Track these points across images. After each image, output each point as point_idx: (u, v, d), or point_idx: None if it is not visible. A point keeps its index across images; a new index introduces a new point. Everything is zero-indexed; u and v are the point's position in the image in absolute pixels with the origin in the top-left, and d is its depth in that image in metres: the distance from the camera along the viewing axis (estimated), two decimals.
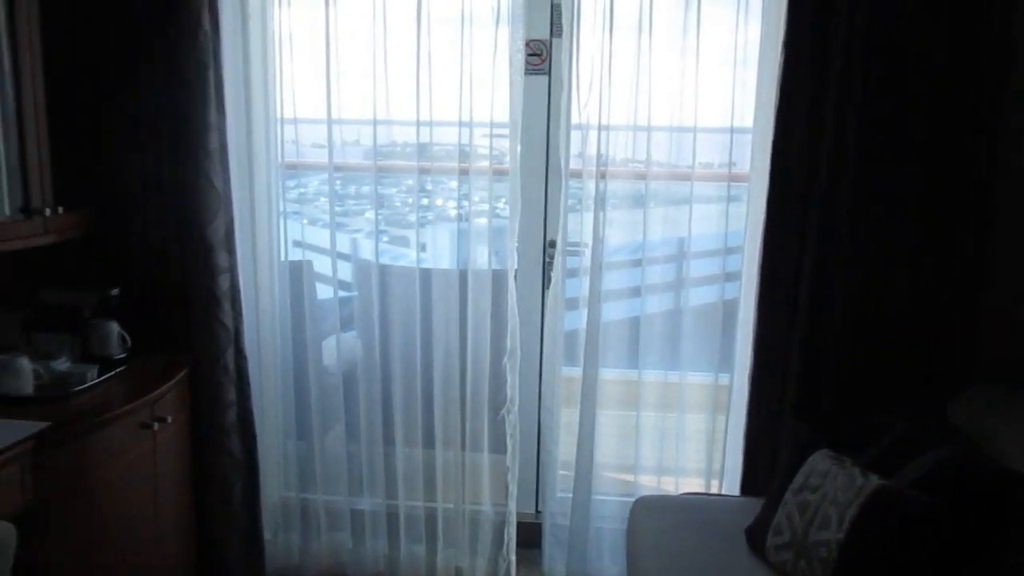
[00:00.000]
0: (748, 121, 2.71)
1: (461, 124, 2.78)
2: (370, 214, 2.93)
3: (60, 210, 2.40)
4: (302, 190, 3.07)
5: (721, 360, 2.87)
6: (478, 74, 2.74)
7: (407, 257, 3.02)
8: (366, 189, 2.95)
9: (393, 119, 2.84)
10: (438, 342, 2.94)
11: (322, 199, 2.95)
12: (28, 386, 2.31)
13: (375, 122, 2.82)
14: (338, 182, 2.97)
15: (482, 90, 2.74)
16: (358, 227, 3.05)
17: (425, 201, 3.02)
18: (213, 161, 2.71)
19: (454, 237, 2.99)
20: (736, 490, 2.78)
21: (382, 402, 3.01)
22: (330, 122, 2.83)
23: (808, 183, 2.59)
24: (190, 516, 2.78)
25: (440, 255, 3.04)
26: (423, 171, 2.90)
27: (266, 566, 3.05)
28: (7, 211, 2.33)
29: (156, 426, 2.42)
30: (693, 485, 2.91)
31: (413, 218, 2.95)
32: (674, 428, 2.91)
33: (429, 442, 3.01)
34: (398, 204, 3.05)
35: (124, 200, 2.72)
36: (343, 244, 3.03)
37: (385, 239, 3.01)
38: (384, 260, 2.97)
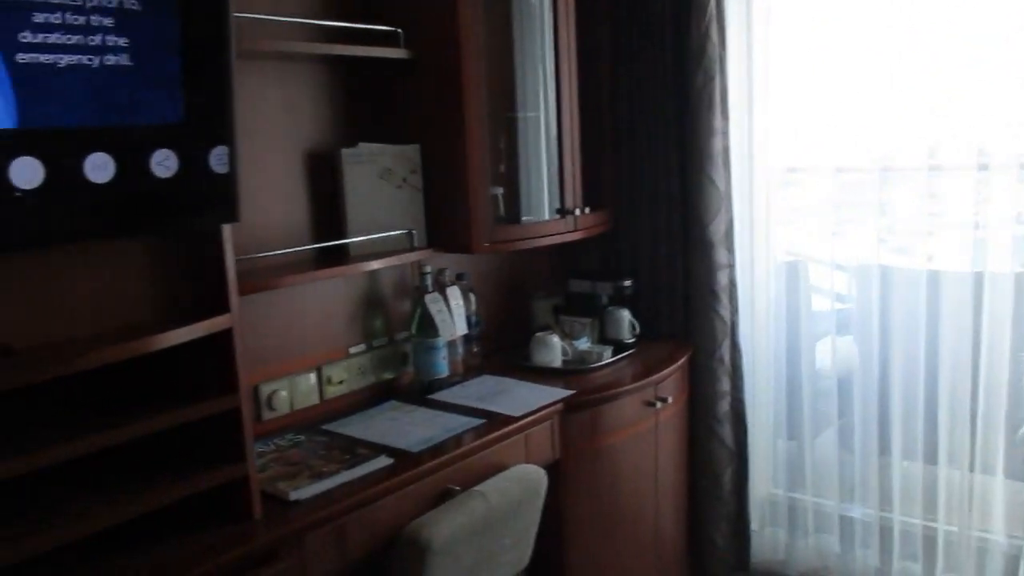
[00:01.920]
0: None
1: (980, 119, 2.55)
2: (872, 216, 2.82)
3: (587, 210, 2.78)
4: (801, 192, 3.06)
5: None
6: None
7: (912, 261, 2.84)
8: (868, 193, 2.84)
9: (897, 119, 2.71)
10: (945, 351, 2.73)
11: (822, 202, 2.92)
12: (557, 360, 2.73)
13: (879, 123, 2.73)
14: (840, 185, 2.91)
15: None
16: (859, 230, 2.93)
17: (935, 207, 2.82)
18: (716, 164, 2.89)
19: (967, 239, 2.72)
20: None
21: (879, 411, 2.89)
22: (829, 124, 2.81)
23: None
24: (684, 496, 2.99)
25: (949, 257, 2.80)
26: (932, 168, 2.71)
27: (751, 556, 3.15)
28: (547, 213, 2.77)
29: (659, 405, 2.66)
30: None
31: (920, 222, 2.76)
32: None
33: (931, 457, 2.80)
34: (902, 207, 2.87)
35: (637, 201, 3.03)
36: (841, 247, 2.97)
37: (889, 243, 2.87)
38: (886, 263, 2.84)
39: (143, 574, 1.51)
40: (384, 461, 2.00)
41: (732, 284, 2.97)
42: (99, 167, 1.41)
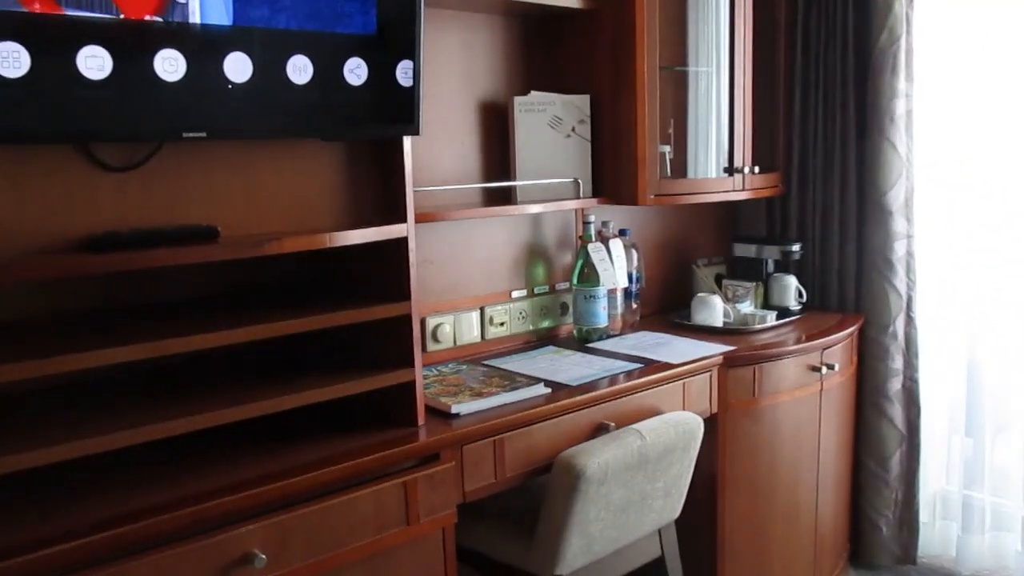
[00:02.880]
0: None
1: None
2: None
3: (756, 170, 2.72)
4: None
5: None
6: None
7: None
8: None
9: None
10: None
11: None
12: (719, 320, 2.68)
13: None
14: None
15: None
16: None
17: None
18: (898, 128, 2.75)
19: None
20: None
21: None
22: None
23: None
24: (848, 475, 2.85)
25: None
26: None
27: (919, 549, 2.95)
28: (714, 172, 2.73)
29: (824, 371, 2.56)
30: None
31: None
32: None
33: None
34: None
35: (810, 164, 2.93)
36: None
37: None
38: None
39: (325, 458, 1.61)
40: (542, 389, 2.03)
41: (910, 255, 2.81)
42: (299, 69, 1.52)
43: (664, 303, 2.94)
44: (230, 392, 1.59)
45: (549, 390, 2.05)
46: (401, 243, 1.75)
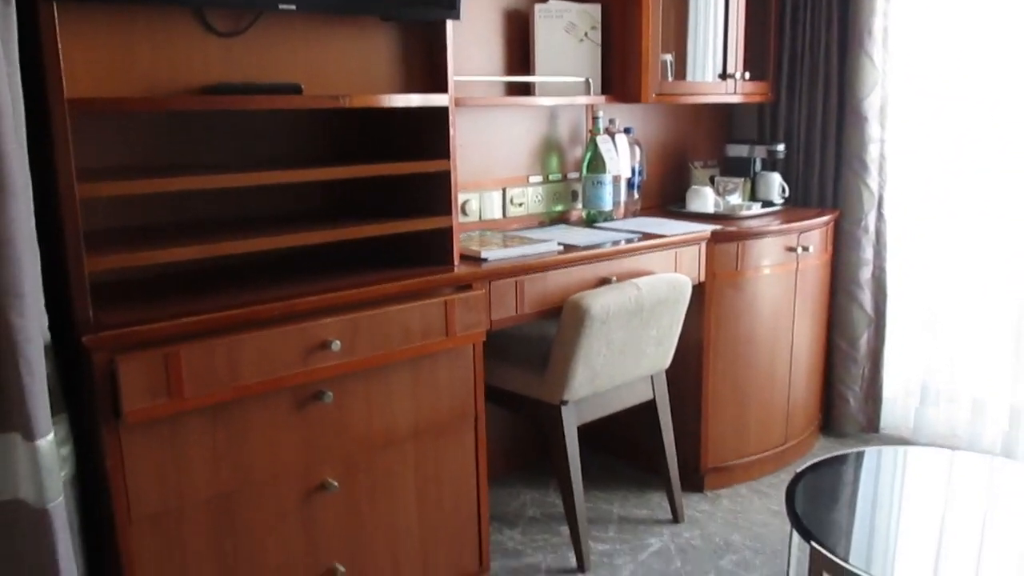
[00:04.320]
0: None
1: None
2: None
3: (747, 76, 3.06)
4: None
5: None
6: None
7: None
8: None
9: None
10: None
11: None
12: (710, 208, 3.06)
13: None
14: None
15: None
16: None
17: None
18: (876, 41, 3.08)
19: None
20: None
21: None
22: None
23: None
24: (821, 351, 3.24)
25: None
26: None
27: (881, 420, 3.37)
28: (711, 77, 3.08)
29: (800, 251, 2.93)
30: None
31: None
32: None
33: None
34: None
35: (797, 73, 3.27)
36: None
37: None
38: None
39: (384, 278, 2.01)
40: (556, 246, 2.42)
41: (883, 157, 3.17)
42: None
43: (663, 197, 3.32)
44: (319, 225, 1.99)
45: (562, 247, 2.43)
46: (442, 111, 2.12)
